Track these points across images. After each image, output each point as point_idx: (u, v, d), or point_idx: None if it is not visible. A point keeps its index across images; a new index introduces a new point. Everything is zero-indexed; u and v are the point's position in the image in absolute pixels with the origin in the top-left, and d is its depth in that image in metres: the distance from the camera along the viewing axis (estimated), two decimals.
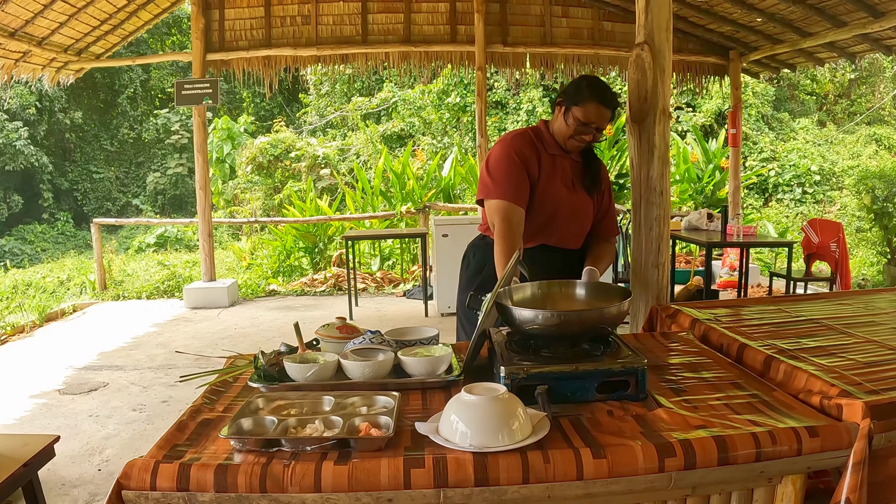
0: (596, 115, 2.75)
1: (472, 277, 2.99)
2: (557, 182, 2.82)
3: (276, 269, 10.84)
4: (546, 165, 2.82)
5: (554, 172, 2.83)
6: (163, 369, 6.00)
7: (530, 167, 2.78)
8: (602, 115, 2.76)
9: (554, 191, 2.81)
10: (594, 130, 2.77)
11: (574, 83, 2.85)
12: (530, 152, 2.81)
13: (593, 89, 2.77)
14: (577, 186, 2.87)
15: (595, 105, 2.74)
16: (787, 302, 2.77)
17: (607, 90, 2.81)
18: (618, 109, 2.91)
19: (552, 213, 2.82)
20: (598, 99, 2.75)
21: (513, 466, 1.44)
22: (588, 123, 2.75)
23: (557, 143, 2.85)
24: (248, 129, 18.82)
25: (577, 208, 2.87)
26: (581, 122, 2.75)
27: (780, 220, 14.48)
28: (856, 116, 18.33)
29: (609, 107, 2.78)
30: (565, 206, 2.83)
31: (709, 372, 1.99)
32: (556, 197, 2.81)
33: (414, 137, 17.12)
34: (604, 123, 2.79)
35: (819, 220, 7.14)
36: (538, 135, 2.88)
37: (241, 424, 1.62)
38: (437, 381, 1.94)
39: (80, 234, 19.07)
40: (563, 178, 2.84)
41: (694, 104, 16.78)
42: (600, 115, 2.76)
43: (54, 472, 3.86)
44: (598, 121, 2.76)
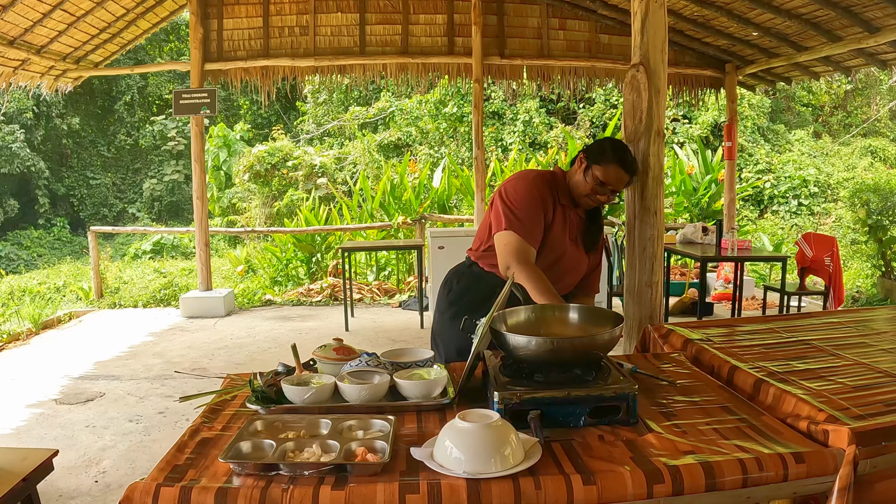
0: (615, 177, 2.80)
1: (453, 303, 2.99)
2: (564, 233, 2.88)
3: (273, 278, 10.87)
4: (559, 213, 2.87)
5: (564, 222, 2.88)
6: (159, 380, 6.02)
7: (546, 209, 2.83)
8: (620, 179, 2.83)
9: (560, 241, 2.87)
10: (610, 192, 2.83)
11: (599, 142, 2.92)
12: (548, 195, 2.86)
13: (617, 151, 2.84)
14: (578, 241, 2.93)
15: (616, 168, 2.80)
16: (779, 321, 2.81)
17: (629, 155, 2.89)
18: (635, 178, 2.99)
19: (554, 262, 2.86)
20: (620, 162, 2.81)
21: (505, 493, 1.47)
22: (606, 184, 2.80)
23: (570, 196, 2.90)
24: (245, 137, 18.85)
25: (576, 262, 2.94)
26: (599, 182, 2.80)
27: (775, 232, 14.53)
28: (851, 128, 18.41)
29: (629, 172, 2.85)
30: (568, 258, 2.89)
31: (699, 396, 2.02)
32: (562, 248, 2.87)
33: (411, 147, 17.16)
34: (620, 187, 2.86)
35: (813, 234, 7.19)
36: (556, 180, 2.93)
37: (239, 448, 1.65)
38: (432, 404, 1.97)
39: (76, 239, 19.06)
40: (570, 231, 2.90)
41: (690, 116, 16.85)
42: (619, 179, 2.82)
43: (51, 484, 3.87)
44: (616, 184, 2.82)
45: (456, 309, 2.92)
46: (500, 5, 8.87)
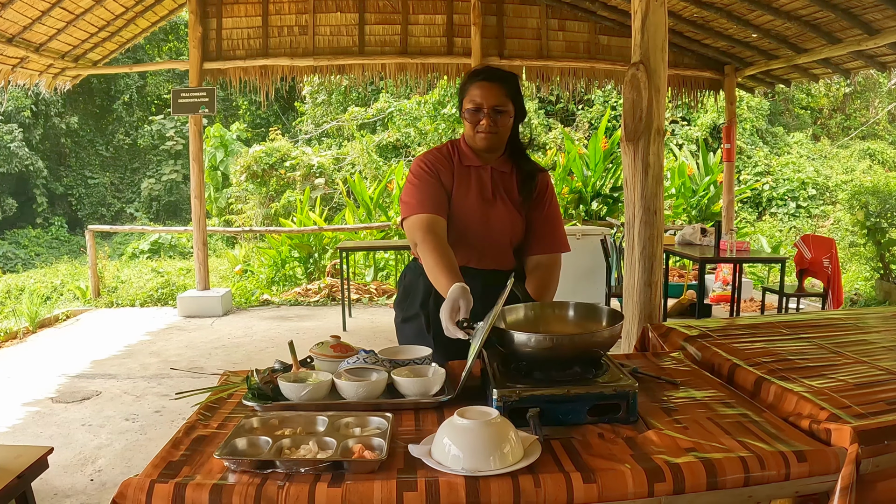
0: (482, 94, 2.52)
1: (401, 302, 2.84)
2: (472, 194, 2.62)
3: (271, 278, 10.85)
4: (459, 176, 2.63)
5: (468, 183, 2.63)
6: (156, 379, 6.00)
7: (442, 176, 2.61)
8: (489, 92, 2.52)
9: (467, 204, 2.61)
10: (490, 113, 2.52)
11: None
12: (442, 163, 2.64)
13: (473, 72, 2.61)
14: (497, 197, 2.64)
15: (476, 84, 2.55)
16: (779, 320, 2.79)
17: (490, 67, 2.63)
18: (516, 88, 2.62)
19: (464, 228, 2.62)
20: (479, 77, 2.57)
21: (504, 490, 1.45)
22: (479, 108, 2.53)
23: (474, 153, 2.65)
24: (242, 137, 18.82)
25: (495, 222, 2.63)
26: (471, 110, 2.55)
27: (773, 234, 14.54)
28: (850, 131, 18.43)
29: (494, 80, 2.55)
30: (479, 220, 2.62)
31: (700, 392, 2.00)
32: (469, 210, 2.61)
33: (409, 148, 17.15)
34: (497, 101, 2.53)
35: (812, 236, 7.18)
36: (455, 146, 2.70)
37: (235, 444, 1.63)
38: (430, 402, 1.95)
39: (74, 239, 19.04)
40: (481, 190, 2.63)
41: (689, 118, 16.86)
42: (486, 93, 2.52)
43: (47, 482, 3.85)
44: (488, 99, 2.52)
45: (403, 314, 2.79)
46: (500, 6, 8.87)
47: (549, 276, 2.67)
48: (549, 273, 2.68)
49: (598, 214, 11.08)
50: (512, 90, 2.58)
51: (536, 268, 2.69)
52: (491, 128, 2.54)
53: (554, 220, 2.74)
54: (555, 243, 2.72)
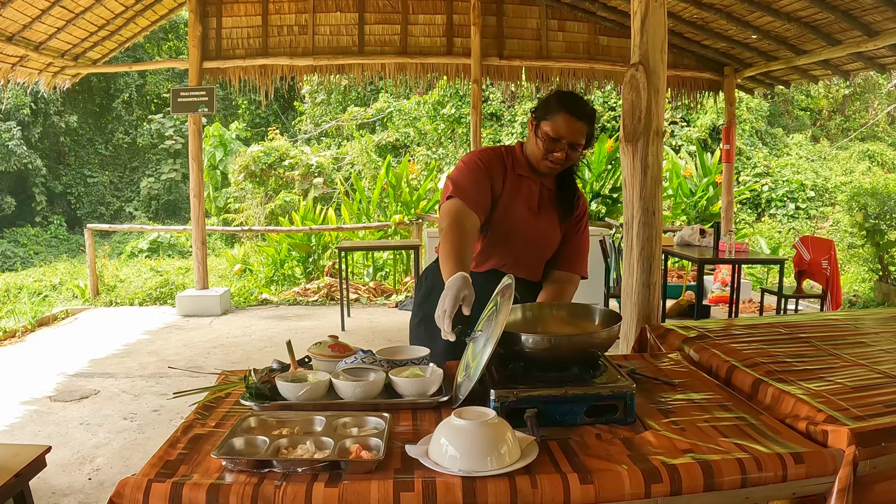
0: (566, 128, 2.50)
1: (422, 303, 2.80)
2: (520, 203, 2.63)
3: (270, 277, 10.85)
4: (511, 183, 2.64)
5: (518, 192, 2.64)
6: (154, 378, 5.99)
7: (494, 179, 2.61)
8: (574, 129, 2.50)
9: (515, 211, 2.62)
10: (567, 147, 2.52)
11: (544, 98, 2.64)
12: (497, 165, 2.64)
13: (562, 101, 2.54)
14: (542, 211, 2.67)
15: (564, 117, 2.50)
16: (777, 321, 2.79)
17: (579, 101, 2.57)
18: (595, 126, 2.63)
19: (507, 234, 2.64)
20: (568, 110, 2.51)
21: (501, 491, 1.45)
22: (558, 138, 2.50)
23: (530, 165, 2.65)
24: (241, 136, 18.82)
25: (538, 234, 2.67)
26: (551, 138, 2.51)
27: (772, 236, 14.55)
28: (849, 132, 18.44)
29: (582, 119, 2.52)
30: (524, 229, 2.64)
31: (697, 394, 2.01)
32: (516, 218, 2.62)
33: (409, 148, 17.15)
34: (577, 138, 2.52)
35: (811, 238, 7.18)
36: (510, 152, 2.70)
37: (232, 444, 1.63)
38: (427, 402, 1.95)
39: (73, 237, 19.04)
40: (528, 201, 2.65)
41: (688, 119, 16.86)
42: (571, 129, 2.50)
43: (44, 481, 3.85)
44: (570, 135, 2.50)
45: (423, 313, 2.76)
46: (500, 6, 8.87)
47: (564, 292, 2.71)
48: (564, 288, 2.72)
49: (597, 215, 11.08)
50: (591, 130, 2.60)
51: (555, 281, 2.74)
52: (563, 161, 2.57)
53: (583, 245, 2.80)
54: (578, 265, 2.77)
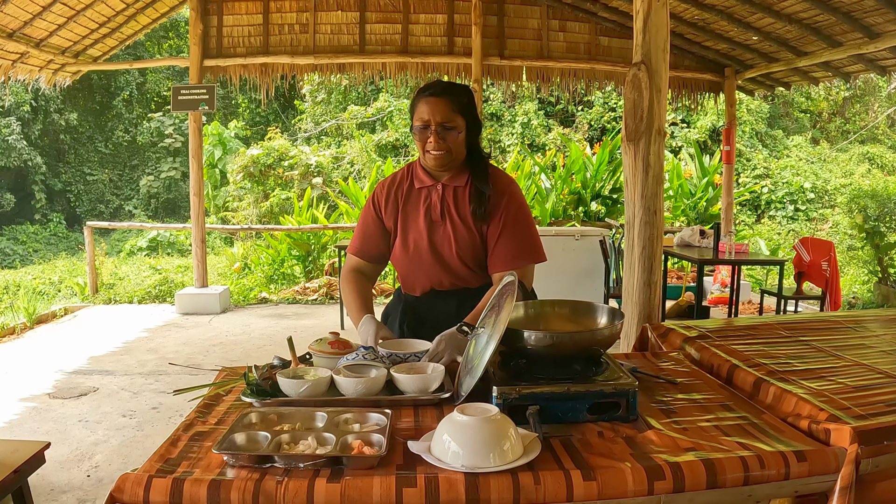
0: (427, 110, 2.45)
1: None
2: (420, 217, 2.58)
3: (269, 276, 10.85)
4: (409, 202, 2.61)
5: (417, 208, 2.59)
6: (153, 375, 5.99)
7: (386, 210, 2.63)
8: (435, 109, 2.44)
9: (416, 227, 2.59)
10: (437, 130, 2.45)
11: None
12: (389, 193, 2.64)
13: (419, 90, 2.53)
14: (447, 218, 2.56)
15: (421, 101, 2.48)
16: (778, 322, 2.79)
17: (436, 82, 2.54)
18: (465, 100, 2.52)
19: (417, 253, 2.60)
20: (423, 93, 2.49)
21: (504, 487, 1.45)
22: (426, 125, 2.45)
23: (428, 173, 2.60)
24: (240, 135, 18.80)
25: (440, 243, 2.57)
26: (419, 128, 2.48)
27: (772, 237, 14.55)
28: (849, 135, 18.45)
29: (438, 95, 2.47)
30: (426, 242, 2.57)
31: (699, 393, 2.00)
32: (418, 233, 2.59)
33: (409, 147, 17.15)
34: (442, 117, 2.44)
35: (811, 239, 7.18)
36: (410, 170, 2.67)
37: (234, 439, 1.63)
38: (429, 399, 1.95)
39: (72, 235, 19.02)
40: (428, 212, 2.58)
41: (688, 120, 16.87)
42: (433, 110, 2.44)
43: (43, 478, 3.85)
44: (433, 115, 2.44)
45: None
46: (501, 6, 8.87)
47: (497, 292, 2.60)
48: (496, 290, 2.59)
49: (598, 215, 11.08)
50: (460, 104, 2.50)
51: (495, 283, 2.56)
52: (439, 145, 2.46)
53: (512, 232, 2.55)
54: (514, 258, 2.53)
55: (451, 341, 2.24)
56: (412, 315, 2.70)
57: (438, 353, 2.20)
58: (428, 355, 2.19)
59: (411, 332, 2.63)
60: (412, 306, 2.72)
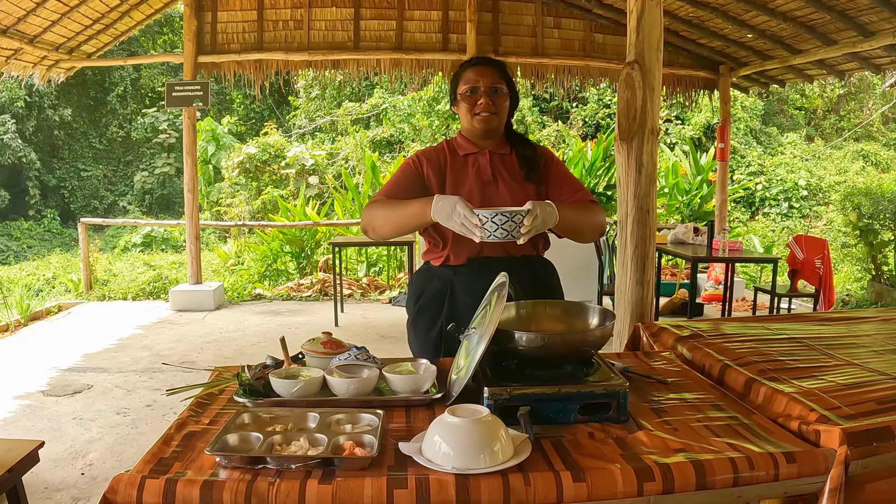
0: (476, 75, 2.57)
1: (410, 307, 2.77)
2: (469, 180, 2.60)
3: (263, 272, 10.84)
4: (456, 167, 2.63)
5: (465, 172, 2.62)
6: (147, 373, 5.99)
7: (430, 171, 2.61)
8: (483, 73, 2.57)
9: (465, 190, 2.58)
10: (487, 92, 2.56)
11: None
12: (432, 159, 2.64)
13: (462, 63, 2.67)
14: (500, 179, 2.61)
15: (470, 70, 2.60)
16: (770, 321, 2.80)
17: (479, 56, 2.69)
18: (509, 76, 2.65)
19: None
20: (471, 63, 2.63)
21: (494, 489, 1.46)
22: (475, 88, 2.56)
23: (472, 142, 2.66)
24: (234, 131, 18.77)
25: (498, 201, 2.56)
26: (468, 93, 2.57)
27: (766, 234, 14.58)
28: (844, 132, 18.49)
29: (487, 64, 2.61)
30: (478, 203, 2.53)
31: (690, 393, 2.01)
32: (466, 192, 2.56)
33: (403, 144, 17.14)
34: (492, 81, 2.57)
35: (805, 237, 7.20)
36: (450, 143, 2.72)
37: (226, 440, 1.64)
38: (420, 399, 1.95)
39: (66, 231, 18.98)
40: (479, 174, 2.61)
41: (683, 117, 16.88)
42: (481, 74, 2.57)
43: (37, 476, 3.85)
44: (483, 79, 2.56)
45: (416, 310, 2.72)
46: (496, 3, 8.88)
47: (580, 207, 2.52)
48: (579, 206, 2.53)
49: None
50: (505, 74, 2.63)
51: None
52: (489, 107, 2.56)
53: (570, 181, 2.64)
54: (581, 197, 2.58)
55: (544, 208, 2.19)
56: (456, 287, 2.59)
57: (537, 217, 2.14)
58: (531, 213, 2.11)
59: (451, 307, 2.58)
60: (455, 278, 2.60)
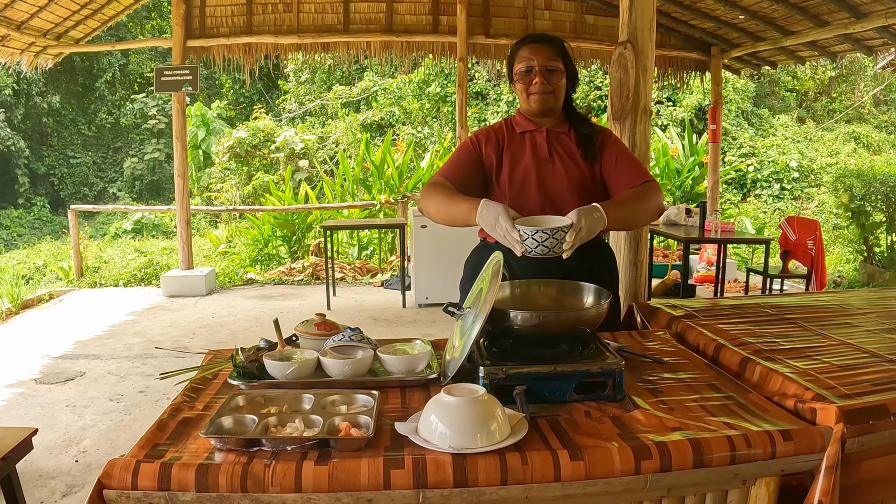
0: (531, 54, 2.53)
1: (465, 286, 2.72)
2: (526, 157, 2.60)
3: (254, 257, 10.81)
4: (512, 144, 2.64)
5: (522, 148, 2.62)
6: (140, 359, 5.97)
7: (487, 150, 2.62)
8: (538, 51, 2.53)
9: (522, 166, 2.59)
10: (542, 71, 2.53)
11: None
12: (490, 137, 2.65)
13: (518, 41, 2.63)
14: (556, 156, 2.60)
15: (525, 48, 2.56)
16: (764, 300, 2.80)
17: (535, 33, 2.64)
18: (565, 52, 2.60)
19: (523, 187, 2.58)
20: (527, 41, 2.58)
21: (491, 468, 1.45)
22: (530, 68, 2.53)
23: (530, 120, 2.65)
24: (224, 115, 18.66)
25: (552, 178, 2.57)
26: (524, 73, 2.55)
27: (757, 216, 14.61)
28: (835, 114, 18.49)
29: (543, 42, 2.56)
30: (534, 179, 2.57)
31: (685, 373, 2.01)
32: (524, 170, 2.58)
33: (394, 127, 17.08)
34: (547, 60, 2.53)
35: (797, 218, 7.21)
36: (508, 121, 2.72)
37: (221, 423, 1.62)
38: (416, 380, 1.94)
39: (56, 219, 18.88)
40: (535, 151, 2.61)
41: (674, 98, 16.86)
42: (537, 53, 2.53)
43: (31, 464, 3.84)
44: (538, 58, 2.52)
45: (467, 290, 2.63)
46: None
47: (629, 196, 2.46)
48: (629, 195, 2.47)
49: None
50: (561, 50, 2.58)
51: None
52: (544, 86, 2.53)
53: (627, 158, 2.61)
54: (636, 175, 2.54)
55: (589, 217, 2.11)
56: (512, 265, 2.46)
57: (582, 230, 2.07)
58: (574, 228, 2.04)
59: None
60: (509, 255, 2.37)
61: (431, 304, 7.82)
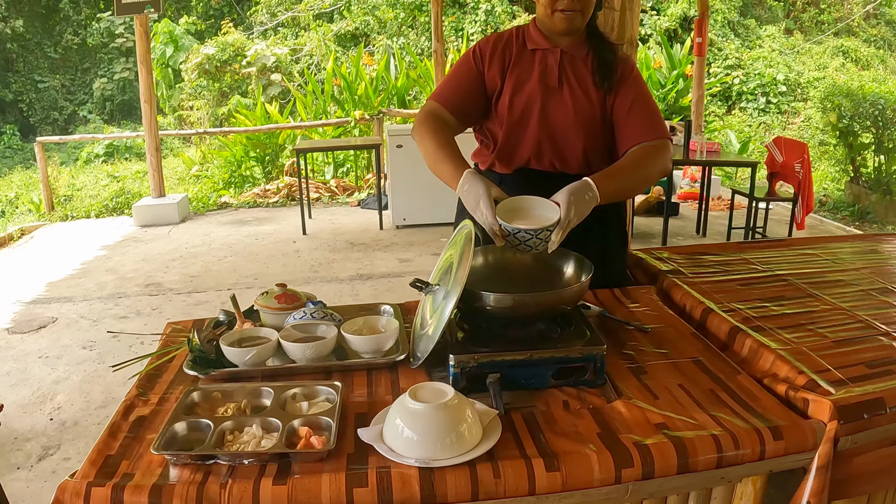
0: None
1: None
2: (532, 80, 2.28)
3: (228, 180, 10.59)
4: (522, 63, 2.31)
5: (530, 69, 2.30)
6: (112, 299, 5.86)
7: (491, 65, 2.32)
8: None
9: (526, 90, 2.28)
10: None
11: None
12: (496, 48, 2.33)
13: None
14: (565, 84, 2.28)
15: None
16: (752, 251, 2.68)
17: None
18: None
19: (523, 115, 2.29)
20: None
21: (461, 482, 1.35)
22: None
23: (545, 36, 2.30)
24: (192, 31, 18.06)
25: (556, 110, 2.28)
26: None
27: (742, 129, 14.42)
28: (824, 26, 18.08)
29: None
30: (540, 110, 2.27)
31: (671, 348, 1.89)
32: (527, 96, 2.28)
33: (369, 37, 16.60)
34: None
35: (784, 139, 7.06)
36: (520, 31, 2.37)
37: (175, 431, 1.51)
38: (383, 363, 1.83)
39: (27, 146, 18.37)
40: (544, 75, 2.28)
41: (658, 7, 16.42)
42: None
43: (6, 426, 3.77)
44: None
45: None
46: None
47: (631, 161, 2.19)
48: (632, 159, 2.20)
49: None
50: None
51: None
52: (573, 3, 2.17)
53: (643, 103, 2.27)
54: (648, 129, 2.24)
55: (580, 202, 1.87)
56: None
57: (571, 222, 1.84)
58: (560, 225, 1.82)
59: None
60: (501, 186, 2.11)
61: (409, 225, 7.71)
